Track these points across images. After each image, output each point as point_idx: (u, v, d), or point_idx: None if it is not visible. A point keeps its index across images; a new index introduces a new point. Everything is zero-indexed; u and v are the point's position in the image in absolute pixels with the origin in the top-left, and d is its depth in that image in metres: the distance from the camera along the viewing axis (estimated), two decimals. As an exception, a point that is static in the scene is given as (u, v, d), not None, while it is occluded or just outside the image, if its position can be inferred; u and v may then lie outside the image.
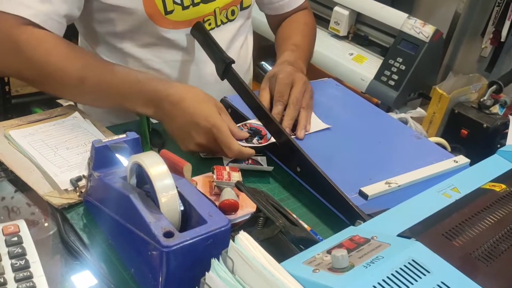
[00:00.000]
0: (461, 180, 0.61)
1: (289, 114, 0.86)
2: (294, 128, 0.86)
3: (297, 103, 0.87)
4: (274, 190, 0.76)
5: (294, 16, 1.14)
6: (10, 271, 0.53)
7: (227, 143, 0.74)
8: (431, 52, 1.76)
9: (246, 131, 0.80)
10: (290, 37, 1.07)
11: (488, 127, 1.43)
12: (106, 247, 0.61)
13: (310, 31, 1.12)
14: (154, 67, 0.97)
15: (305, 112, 0.88)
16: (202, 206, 0.54)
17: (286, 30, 1.12)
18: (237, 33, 1.05)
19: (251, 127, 0.82)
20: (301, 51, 1.03)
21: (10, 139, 0.76)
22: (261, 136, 0.80)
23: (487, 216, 0.53)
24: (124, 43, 0.94)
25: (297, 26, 1.11)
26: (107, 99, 0.80)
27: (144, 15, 0.89)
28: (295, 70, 0.92)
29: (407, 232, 0.50)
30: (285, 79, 0.89)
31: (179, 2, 0.91)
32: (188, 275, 0.51)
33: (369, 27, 1.94)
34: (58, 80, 0.79)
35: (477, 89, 1.61)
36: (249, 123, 0.83)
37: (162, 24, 0.92)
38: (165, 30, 0.92)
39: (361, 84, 1.84)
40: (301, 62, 0.99)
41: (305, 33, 1.10)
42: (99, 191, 0.62)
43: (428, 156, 0.83)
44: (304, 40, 1.07)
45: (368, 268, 0.43)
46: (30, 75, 0.81)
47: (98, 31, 0.93)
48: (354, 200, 0.68)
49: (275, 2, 1.12)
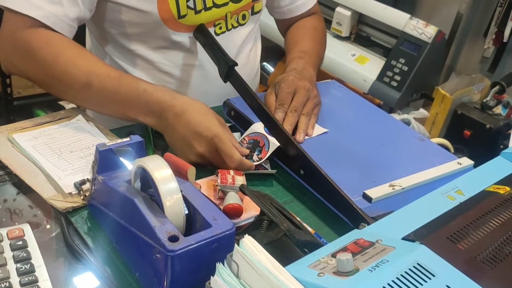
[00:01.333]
0: (465, 183, 0.61)
1: (288, 121, 0.85)
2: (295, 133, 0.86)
3: (296, 110, 0.86)
4: (278, 193, 0.76)
5: (303, 21, 1.13)
6: (16, 276, 0.53)
7: (229, 152, 0.74)
8: (434, 53, 1.77)
9: (245, 146, 0.81)
10: (298, 43, 1.06)
11: (491, 127, 1.43)
12: (111, 250, 0.61)
13: (320, 36, 1.11)
14: (164, 70, 0.98)
15: (304, 118, 0.87)
16: (206, 210, 0.55)
17: (294, 35, 1.11)
18: (247, 38, 1.05)
19: (249, 140, 0.82)
20: (309, 57, 1.01)
21: (14, 142, 0.76)
22: (260, 149, 0.80)
23: (491, 219, 0.53)
24: (134, 44, 0.94)
25: (306, 30, 1.10)
26: (111, 105, 0.80)
27: (158, 19, 0.89)
28: (298, 79, 0.91)
29: (412, 235, 0.50)
30: (286, 88, 0.89)
31: (192, 7, 0.91)
32: (193, 279, 0.51)
33: (371, 28, 1.94)
34: (64, 83, 0.80)
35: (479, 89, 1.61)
36: (247, 136, 0.83)
37: (175, 28, 0.92)
38: (177, 34, 0.93)
39: (363, 85, 1.84)
40: (310, 69, 0.98)
41: (315, 37, 1.08)
42: (103, 194, 0.62)
43: (431, 158, 0.83)
44: (313, 45, 1.06)
45: (373, 272, 0.43)
46: (38, 76, 0.82)
47: (108, 31, 0.93)
48: (358, 203, 0.68)
49: (283, 6, 1.11)
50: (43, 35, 0.79)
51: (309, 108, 0.89)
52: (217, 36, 0.97)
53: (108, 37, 0.95)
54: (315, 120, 0.89)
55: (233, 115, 0.90)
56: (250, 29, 1.05)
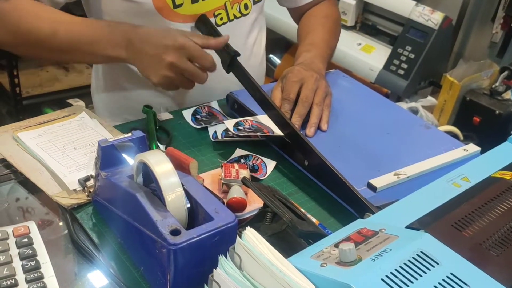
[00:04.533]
0: (471, 169, 0.60)
1: (298, 112, 0.84)
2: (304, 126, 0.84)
3: (306, 100, 0.85)
4: (281, 184, 0.76)
5: (314, 10, 1.10)
6: (21, 272, 0.53)
7: (200, 55, 0.80)
8: (441, 40, 1.74)
9: (248, 127, 0.80)
10: (307, 35, 1.04)
11: (500, 113, 1.41)
12: (116, 246, 0.61)
13: (330, 24, 1.07)
14: None
15: (317, 109, 0.85)
16: (208, 203, 0.54)
17: (304, 26, 1.08)
18: (251, 28, 1.04)
19: (252, 124, 0.82)
20: (318, 49, 0.99)
21: (19, 141, 0.76)
22: (263, 133, 0.80)
23: (497, 205, 0.52)
24: None
25: (316, 20, 1.07)
26: (79, 47, 0.83)
27: (153, 8, 0.89)
28: (305, 69, 0.89)
29: (416, 223, 0.49)
30: (293, 77, 0.87)
31: None
32: (196, 272, 0.51)
33: (377, 16, 1.92)
34: (32, 38, 0.82)
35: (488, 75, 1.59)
36: (251, 120, 0.83)
37: (171, 18, 0.91)
38: (173, 24, 0.92)
39: (370, 74, 1.82)
40: (318, 61, 0.96)
41: (325, 27, 1.05)
42: (107, 190, 0.63)
43: (437, 146, 0.82)
44: (322, 36, 1.03)
45: (376, 261, 0.43)
46: (7, 39, 0.84)
47: None
48: (362, 193, 0.67)
49: None
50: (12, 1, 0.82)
51: (320, 97, 0.87)
52: (218, 27, 0.96)
53: None
54: (328, 113, 0.87)
55: (236, 108, 0.89)
56: (254, 19, 1.03)
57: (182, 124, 0.88)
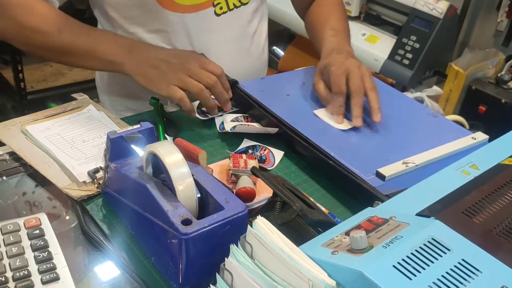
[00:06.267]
0: (479, 157, 0.60)
1: (356, 103, 0.83)
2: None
3: (359, 90, 0.84)
4: (290, 174, 0.76)
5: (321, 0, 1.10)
6: (34, 263, 0.54)
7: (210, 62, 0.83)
8: (446, 29, 1.73)
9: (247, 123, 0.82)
10: (326, 22, 1.03)
11: (506, 102, 1.41)
12: (126, 236, 0.62)
13: (342, 11, 1.07)
14: None
15: (373, 94, 0.84)
16: (218, 193, 0.55)
17: (317, 15, 1.07)
18: (251, 18, 1.03)
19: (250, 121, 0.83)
20: (342, 34, 0.99)
21: (28, 134, 0.77)
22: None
23: (507, 192, 0.52)
24: (135, 27, 0.94)
25: (329, 8, 1.07)
26: (82, 46, 0.85)
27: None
28: (345, 58, 0.89)
29: (426, 211, 0.49)
30: (338, 69, 0.86)
31: None
32: (208, 261, 0.51)
33: (381, 6, 1.91)
34: (38, 37, 0.84)
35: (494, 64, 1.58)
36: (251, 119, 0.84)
37: (172, 8, 0.91)
38: (174, 15, 0.92)
39: (375, 64, 1.82)
40: (346, 45, 0.96)
41: (338, 14, 1.05)
42: (117, 182, 0.63)
43: (445, 134, 0.82)
44: (340, 22, 1.03)
45: (387, 248, 0.43)
46: (12, 34, 0.85)
47: (111, 15, 0.94)
48: (371, 182, 0.67)
49: None
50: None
51: (370, 82, 0.86)
52: (218, 16, 0.95)
53: (113, 22, 0.95)
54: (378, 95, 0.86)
55: (241, 100, 0.89)
56: (254, 8, 1.03)
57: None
